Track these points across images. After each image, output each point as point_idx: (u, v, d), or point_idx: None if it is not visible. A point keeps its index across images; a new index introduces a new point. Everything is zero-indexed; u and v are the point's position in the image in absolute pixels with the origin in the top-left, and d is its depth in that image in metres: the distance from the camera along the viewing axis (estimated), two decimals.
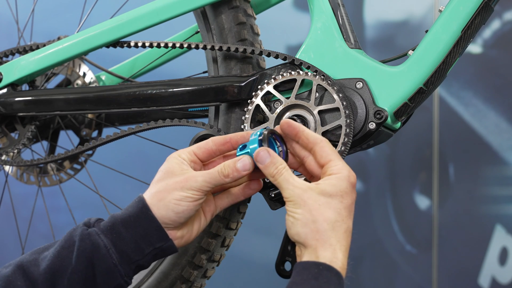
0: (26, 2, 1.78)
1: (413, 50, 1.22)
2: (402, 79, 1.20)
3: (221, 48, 1.28)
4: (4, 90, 1.45)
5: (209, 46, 1.29)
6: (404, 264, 2.43)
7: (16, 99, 1.44)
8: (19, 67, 1.44)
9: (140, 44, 1.34)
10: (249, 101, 1.24)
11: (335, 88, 1.19)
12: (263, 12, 1.46)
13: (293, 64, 1.24)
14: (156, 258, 1.07)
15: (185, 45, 1.31)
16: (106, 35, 1.35)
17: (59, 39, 1.49)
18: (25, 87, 1.51)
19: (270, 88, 1.22)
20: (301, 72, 1.22)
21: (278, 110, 1.22)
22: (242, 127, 1.23)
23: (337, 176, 1.03)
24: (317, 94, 1.20)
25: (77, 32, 1.43)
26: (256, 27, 1.34)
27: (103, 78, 1.65)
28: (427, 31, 1.22)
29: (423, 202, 2.42)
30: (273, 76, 1.24)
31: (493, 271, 2.32)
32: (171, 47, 1.32)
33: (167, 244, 1.07)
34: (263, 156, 1.05)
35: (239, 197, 1.13)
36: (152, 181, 1.09)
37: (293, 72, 1.22)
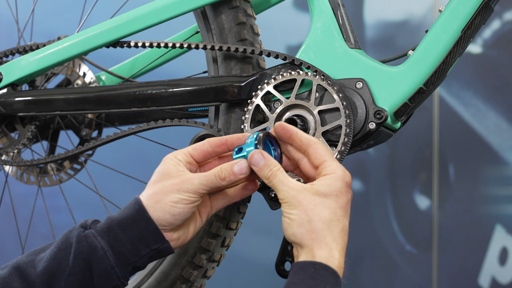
0: (26, 2, 1.78)
1: (413, 50, 1.22)
2: (402, 79, 1.20)
3: (221, 48, 1.28)
4: (4, 90, 1.45)
5: (209, 46, 1.29)
6: (404, 264, 2.43)
7: (16, 99, 1.44)
8: (19, 67, 1.44)
9: (140, 44, 1.34)
10: (249, 101, 1.24)
11: (335, 88, 1.19)
12: (263, 12, 1.46)
13: (293, 64, 1.24)
14: (152, 259, 1.08)
15: (185, 45, 1.31)
16: (106, 35, 1.35)
17: (59, 39, 1.49)
18: (25, 87, 1.51)
19: (270, 88, 1.22)
20: (301, 72, 1.22)
21: (278, 110, 1.22)
22: (242, 127, 1.23)
23: (331, 176, 1.03)
24: (317, 94, 1.20)
25: (77, 32, 1.43)
26: (256, 27, 1.34)
27: (103, 78, 1.65)
28: (427, 31, 1.22)
29: (423, 202, 2.42)
30: (273, 76, 1.24)
31: (493, 271, 2.32)
32: (171, 47, 1.32)
33: (164, 246, 1.07)
34: (257, 159, 1.05)
35: (235, 198, 1.13)
36: (148, 182, 1.09)
37: (293, 72, 1.22)
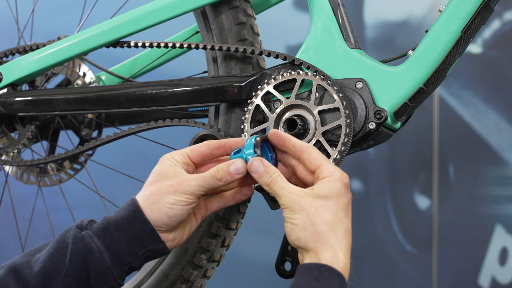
0: (26, 2, 1.78)
1: (413, 50, 1.22)
2: (402, 79, 1.20)
3: (221, 48, 1.28)
4: (4, 90, 1.45)
5: (209, 46, 1.29)
6: (404, 264, 2.43)
7: (16, 99, 1.43)
8: (19, 67, 1.44)
9: (140, 44, 1.34)
10: (249, 101, 1.23)
11: (335, 88, 1.19)
12: (263, 12, 1.46)
13: (293, 64, 1.24)
14: (148, 260, 1.08)
15: (185, 45, 1.31)
16: (106, 35, 1.35)
17: (59, 39, 1.49)
18: (25, 87, 1.51)
19: (270, 88, 1.22)
20: (301, 72, 1.22)
21: (278, 110, 1.22)
22: (242, 127, 1.23)
23: (330, 178, 1.04)
24: (317, 94, 1.20)
25: (77, 32, 1.43)
26: (256, 27, 1.34)
27: (103, 78, 1.64)
28: (427, 31, 1.22)
29: (423, 202, 2.42)
30: (273, 76, 1.24)
31: (493, 271, 2.32)
32: (171, 47, 1.32)
33: (160, 247, 1.07)
34: (257, 166, 1.06)
35: (230, 202, 1.13)
36: (145, 182, 1.09)
37: (293, 72, 1.22)
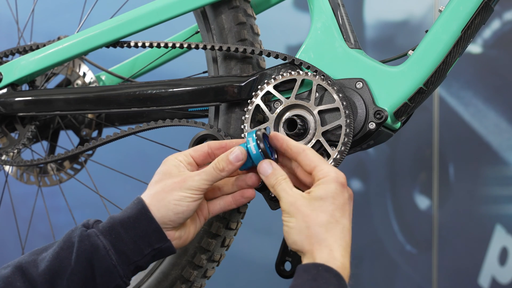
0: (26, 2, 1.78)
1: (413, 50, 1.22)
2: (402, 79, 1.20)
3: (221, 48, 1.28)
4: (4, 90, 1.45)
5: (209, 46, 1.29)
6: (404, 264, 2.43)
7: (16, 99, 1.43)
8: (19, 67, 1.44)
9: (140, 44, 1.34)
10: (249, 101, 1.23)
11: (335, 88, 1.19)
12: (263, 12, 1.46)
13: (293, 64, 1.24)
14: (154, 259, 1.08)
15: (185, 45, 1.31)
16: (106, 35, 1.35)
17: (59, 39, 1.49)
18: (25, 87, 1.51)
19: (270, 88, 1.22)
20: (301, 72, 1.22)
21: (278, 110, 1.22)
22: (242, 127, 1.23)
23: (324, 179, 1.04)
24: (317, 94, 1.20)
25: (77, 32, 1.43)
26: (256, 27, 1.34)
27: (103, 78, 1.64)
28: (427, 31, 1.22)
29: (423, 202, 2.42)
30: (273, 76, 1.24)
31: (493, 271, 2.32)
32: (171, 47, 1.32)
33: (166, 245, 1.07)
34: (266, 167, 1.08)
35: (232, 204, 1.14)
36: (149, 183, 1.10)
37: (293, 72, 1.22)
